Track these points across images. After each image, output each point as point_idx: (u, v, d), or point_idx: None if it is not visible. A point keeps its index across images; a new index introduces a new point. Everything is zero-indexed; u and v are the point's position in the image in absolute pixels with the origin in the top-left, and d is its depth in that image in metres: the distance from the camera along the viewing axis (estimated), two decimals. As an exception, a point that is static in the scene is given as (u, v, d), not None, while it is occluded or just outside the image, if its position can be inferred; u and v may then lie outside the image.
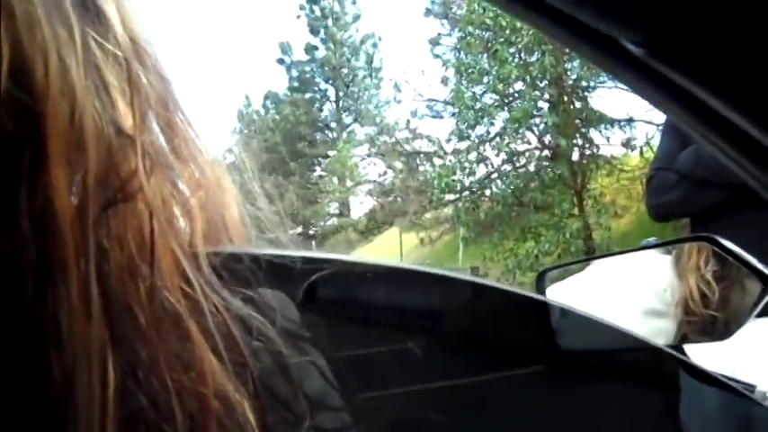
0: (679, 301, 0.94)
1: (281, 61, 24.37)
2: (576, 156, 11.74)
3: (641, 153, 11.37)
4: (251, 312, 0.32)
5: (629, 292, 1.08)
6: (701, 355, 1.00)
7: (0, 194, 0.24)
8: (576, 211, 11.27)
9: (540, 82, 11.65)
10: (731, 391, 0.83)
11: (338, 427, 0.37)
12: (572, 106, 11.65)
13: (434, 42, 14.71)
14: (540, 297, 0.85)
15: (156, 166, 0.30)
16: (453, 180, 12.21)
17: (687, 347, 0.90)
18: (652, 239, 1.24)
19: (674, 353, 0.76)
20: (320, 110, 24.26)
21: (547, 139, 12.06)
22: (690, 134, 0.39)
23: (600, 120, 11.66)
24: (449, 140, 13.63)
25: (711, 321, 0.90)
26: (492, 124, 12.29)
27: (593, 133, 11.96)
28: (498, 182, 12.60)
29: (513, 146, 12.20)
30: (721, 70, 0.35)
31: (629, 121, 11.75)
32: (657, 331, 0.99)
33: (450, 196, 12.81)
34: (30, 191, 0.25)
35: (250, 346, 0.31)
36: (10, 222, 0.24)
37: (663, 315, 0.99)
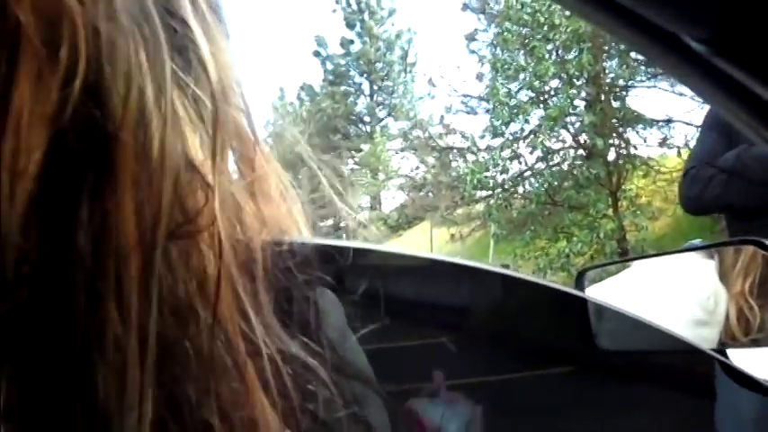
0: (723, 324, 0.92)
1: (316, 54, 24.48)
2: (611, 156, 11.59)
3: (679, 154, 11.17)
4: (306, 358, 0.32)
5: (669, 299, 1.06)
6: (750, 361, 0.97)
7: (57, 205, 0.24)
8: (610, 211, 11.13)
9: (578, 80, 11.51)
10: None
11: None
12: (609, 105, 11.48)
13: (471, 38, 14.61)
14: (579, 293, 0.83)
15: (227, 204, 0.29)
16: (486, 177, 12.15)
17: (733, 352, 0.87)
18: (697, 241, 1.20)
19: (716, 355, 0.74)
20: (354, 103, 24.32)
21: (582, 137, 11.91)
22: (751, 136, 0.37)
23: (637, 120, 11.49)
24: (482, 137, 13.56)
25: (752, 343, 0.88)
26: (527, 122, 12.18)
27: (629, 133, 11.79)
28: (531, 180, 12.50)
29: (547, 144, 12.08)
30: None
31: (668, 121, 11.55)
32: (700, 340, 0.97)
33: (483, 193, 12.75)
34: (91, 208, 0.24)
35: (304, 389, 0.31)
36: (66, 236, 0.24)
37: (706, 324, 0.96)
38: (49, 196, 0.24)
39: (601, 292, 1.14)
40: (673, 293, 1.05)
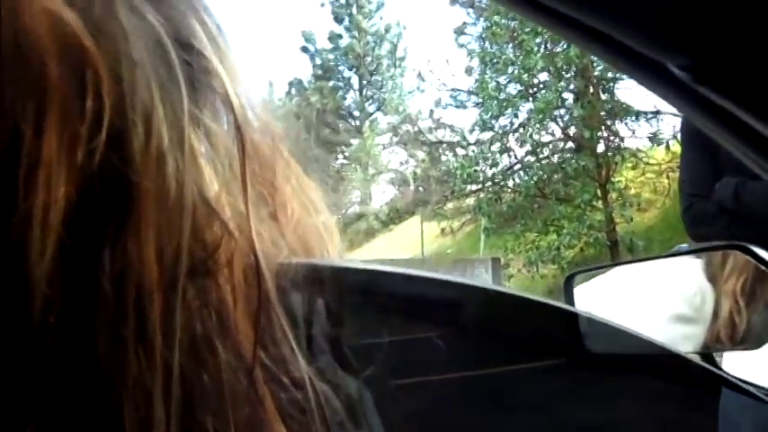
0: (710, 325, 0.93)
1: (304, 50, 24.38)
2: (600, 148, 11.63)
3: (667, 146, 11.22)
4: (320, 382, 0.32)
5: (655, 296, 1.08)
6: (742, 364, 0.99)
7: (82, 253, 0.24)
8: (599, 203, 11.17)
9: (566, 73, 11.53)
10: (748, 395, 0.82)
11: None
12: (598, 98, 11.52)
13: (459, 32, 14.59)
14: (560, 305, 0.84)
15: (244, 234, 0.29)
16: (476, 170, 12.16)
17: (726, 355, 0.89)
18: (684, 246, 1.23)
19: (689, 356, 0.76)
20: (344, 98, 24.25)
21: (571, 130, 11.95)
22: (741, 158, 0.39)
23: (626, 112, 11.52)
24: (472, 131, 13.57)
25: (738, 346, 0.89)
26: (516, 115, 12.21)
27: (618, 125, 11.83)
28: (521, 173, 12.52)
29: (536, 137, 12.10)
30: (770, 97, 0.35)
31: (656, 113, 11.60)
32: (685, 337, 0.98)
33: (473, 187, 12.76)
34: (113, 253, 0.25)
35: (317, 414, 0.31)
36: (90, 282, 0.25)
37: (691, 321, 0.98)
38: (74, 244, 0.24)
39: (588, 293, 1.16)
40: (658, 291, 1.07)
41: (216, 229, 0.28)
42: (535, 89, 12.01)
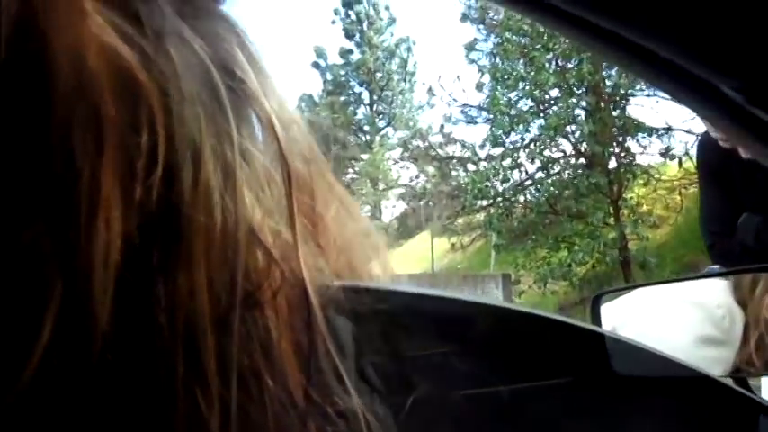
0: (740, 347, 0.91)
1: (315, 65, 24.53)
2: (612, 164, 11.60)
3: (680, 163, 11.18)
4: (365, 413, 0.31)
5: (681, 317, 1.06)
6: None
7: (138, 288, 0.24)
8: (611, 220, 11.13)
9: (577, 89, 11.54)
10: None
11: None
12: (609, 114, 11.51)
13: (470, 47, 14.65)
14: (572, 321, 0.82)
15: (289, 264, 0.28)
16: (486, 186, 12.15)
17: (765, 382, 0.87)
18: (715, 267, 1.21)
19: (720, 378, 0.74)
20: (354, 113, 24.34)
21: (583, 146, 11.94)
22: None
23: (637, 128, 11.50)
24: (483, 146, 13.58)
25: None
26: (527, 131, 12.21)
27: (630, 142, 11.81)
28: (532, 189, 12.51)
29: (547, 153, 12.11)
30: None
31: (668, 130, 11.57)
32: (714, 360, 0.96)
33: (483, 202, 12.75)
34: (167, 287, 0.24)
35: None
36: (146, 317, 0.24)
37: (720, 343, 0.96)
38: (132, 280, 0.24)
39: (611, 312, 1.14)
40: (685, 312, 1.05)
41: (260, 259, 0.27)
42: (546, 105, 12.02)
